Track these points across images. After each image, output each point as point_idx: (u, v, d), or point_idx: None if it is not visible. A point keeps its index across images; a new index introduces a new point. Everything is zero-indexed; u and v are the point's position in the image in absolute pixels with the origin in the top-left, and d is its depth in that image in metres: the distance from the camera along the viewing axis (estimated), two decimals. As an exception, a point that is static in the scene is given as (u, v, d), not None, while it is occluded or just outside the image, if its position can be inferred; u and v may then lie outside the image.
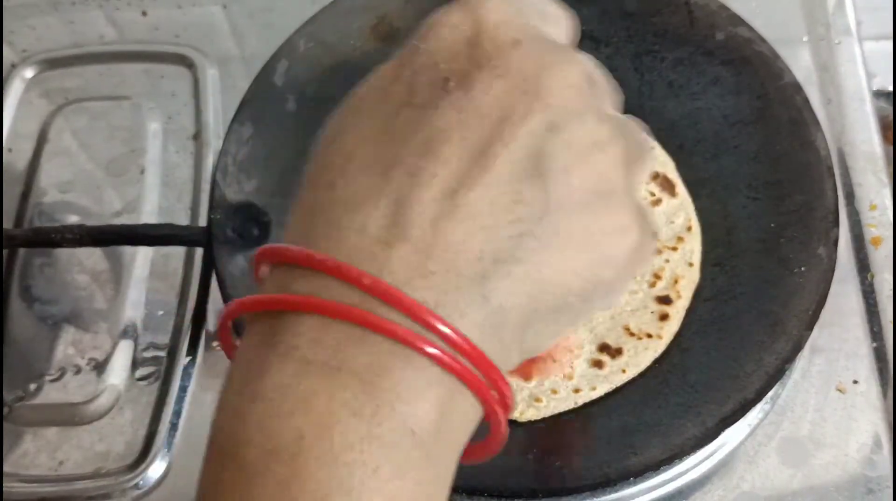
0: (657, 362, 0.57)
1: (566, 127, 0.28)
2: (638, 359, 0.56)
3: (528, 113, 0.28)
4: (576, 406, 0.55)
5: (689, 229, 0.61)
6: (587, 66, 0.31)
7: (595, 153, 0.29)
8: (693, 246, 0.61)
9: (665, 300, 0.58)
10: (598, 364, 0.56)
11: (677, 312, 0.58)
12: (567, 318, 0.30)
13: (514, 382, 0.56)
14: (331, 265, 0.26)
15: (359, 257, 0.26)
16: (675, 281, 0.59)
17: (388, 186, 0.27)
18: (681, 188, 0.63)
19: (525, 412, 0.55)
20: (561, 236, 0.28)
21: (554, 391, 0.56)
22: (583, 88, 0.30)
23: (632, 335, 0.57)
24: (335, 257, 0.26)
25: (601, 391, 0.56)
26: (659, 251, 0.60)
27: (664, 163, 0.64)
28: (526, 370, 0.56)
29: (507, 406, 0.29)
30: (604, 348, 0.57)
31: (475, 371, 0.27)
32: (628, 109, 0.67)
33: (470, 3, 0.30)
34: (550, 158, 0.28)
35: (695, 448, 0.50)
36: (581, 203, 0.28)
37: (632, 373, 0.56)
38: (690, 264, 0.60)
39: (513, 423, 0.55)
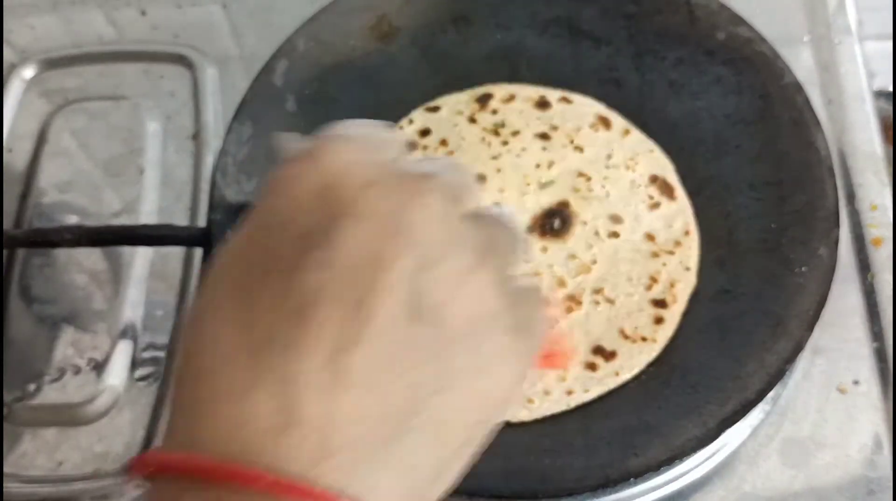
0: (658, 363, 0.57)
1: (436, 261, 0.27)
2: (632, 362, 0.56)
3: (397, 256, 0.26)
4: (568, 408, 0.55)
5: (688, 233, 0.61)
6: (442, 184, 0.29)
7: (468, 280, 0.28)
8: (691, 251, 0.61)
9: (661, 304, 0.58)
10: (591, 367, 0.56)
11: (672, 316, 0.58)
12: (474, 447, 0.30)
13: None
14: (226, 472, 0.23)
15: (253, 451, 0.24)
16: (672, 285, 0.59)
17: (266, 367, 0.25)
18: (680, 192, 0.63)
19: (517, 412, 0.55)
20: (453, 374, 0.27)
21: (547, 393, 0.56)
22: (445, 212, 0.28)
23: (626, 337, 0.57)
24: (227, 458, 0.24)
25: (594, 393, 0.56)
26: (656, 255, 0.60)
27: (664, 166, 0.64)
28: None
29: None
30: (598, 350, 0.57)
31: None
32: (629, 109, 0.68)
33: (311, 153, 0.29)
34: (427, 296, 0.26)
35: (696, 448, 0.50)
36: (466, 334, 0.27)
37: (625, 376, 0.56)
38: (687, 269, 0.60)
39: (510, 425, 0.55)
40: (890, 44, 0.74)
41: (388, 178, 0.28)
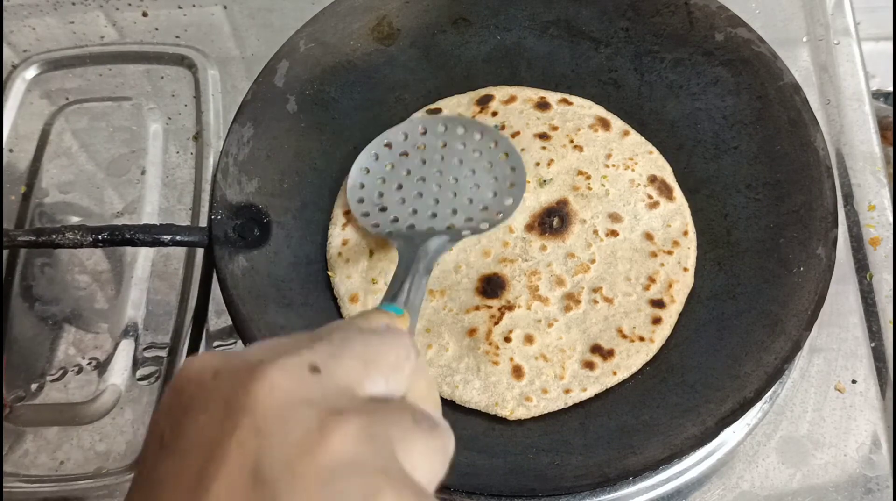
0: (656, 362, 0.57)
1: (274, 426, 0.29)
2: (629, 362, 0.57)
3: (234, 428, 0.28)
4: (566, 407, 0.56)
5: (686, 233, 0.61)
6: (303, 358, 0.31)
7: (316, 439, 0.29)
8: (689, 250, 0.61)
9: (659, 304, 0.58)
10: (589, 365, 0.57)
11: (670, 316, 0.58)
12: None
13: (506, 380, 0.56)
14: None
15: None
16: (670, 285, 0.59)
17: None
18: (678, 193, 0.63)
19: (515, 410, 0.55)
20: None
21: (545, 391, 0.56)
22: (292, 383, 0.30)
23: (624, 337, 0.57)
24: None
25: (592, 392, 0.56)
26: (654, 255, 0.61)
27: (662, 167, 0.65)
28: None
29: None
30: (596, 349, 0.57)
31: None
32: (628, 109, 0.68)
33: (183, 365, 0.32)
34: (270, 460, 0.28)
35: (694, 447, 0.50)
36: (323, 486, 0.28)
37: (622, 375, 0.56)
38: (685, 269, 0.60)
39: (509, 423, 0.55)
40: (888, 44, 0.74)
41: (234, 365, 0.31)
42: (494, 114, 0.67)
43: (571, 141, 0.65)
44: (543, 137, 0.65)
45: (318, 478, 0.28)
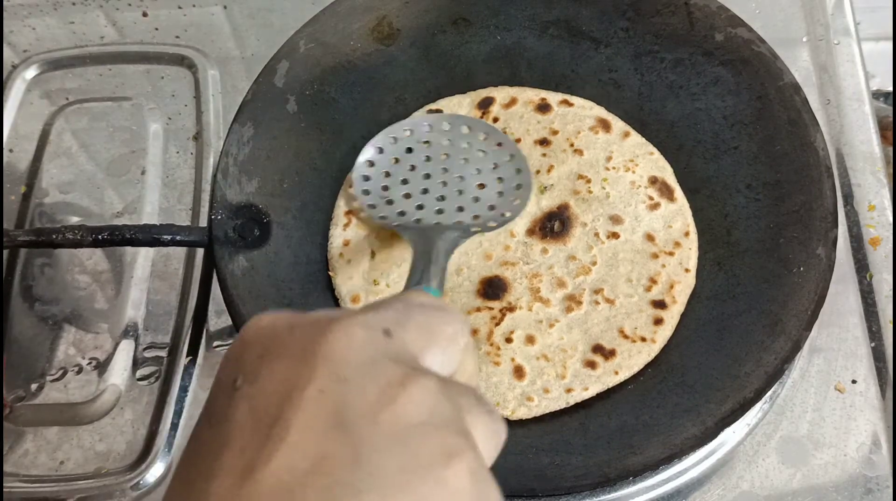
0: (656, 362, 0.57)
1: (356, 376, 0.29)
2: (631, 362, 0.57)
3: (312, 376, 0.29)
4: (567, 406, 0.56)
5: (687, 234, 0.61)
6: (375, 319, 0.32)
7: (398, 391, 0.29)
8: (690, 252, 0.61)
9: (660, 305, 0.58)
10: (591, 365, 0.57)
11: (672, 316, 0.58)
12: None
13: (507, 381, 0.56)
14: None
15: None
16: (671, 286, 0.59)
17: (192, 490, 0.29)
18: (679, 194, 0.63)
19: (517, 410, 0.55)
20: (379, 477, 0.28)
21: (546, 390, 0.56)
22: (366, 338, 0.31)
23: (626, 337, 0.57)
24: None
25: (593, 391, 0.56)
26: (655, 256, 0.61)
27: (663, 168, 0.64)
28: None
29: None
30: (597, 349, 0.57)
31: None
32: (628, 109, 0.68)
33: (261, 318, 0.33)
34: (350, 407, 0.28)
35: (694, 447, 0.50)
36: (397, 440, 0.28)
37: (624, 375, 0.56)
38: (687, 270, 0.60)
39: (510, 423, 0.55)
40: (888, 44, 0.74)
41: (310, 318, 0.32)
42: (496, 119, 0.67)
43: (572, 145, 0.65)
44: (544, 143, 0.65)
45: (400, 428, 0.28)
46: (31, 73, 0.80)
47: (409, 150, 0.63)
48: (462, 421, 0.30)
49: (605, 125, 0.66)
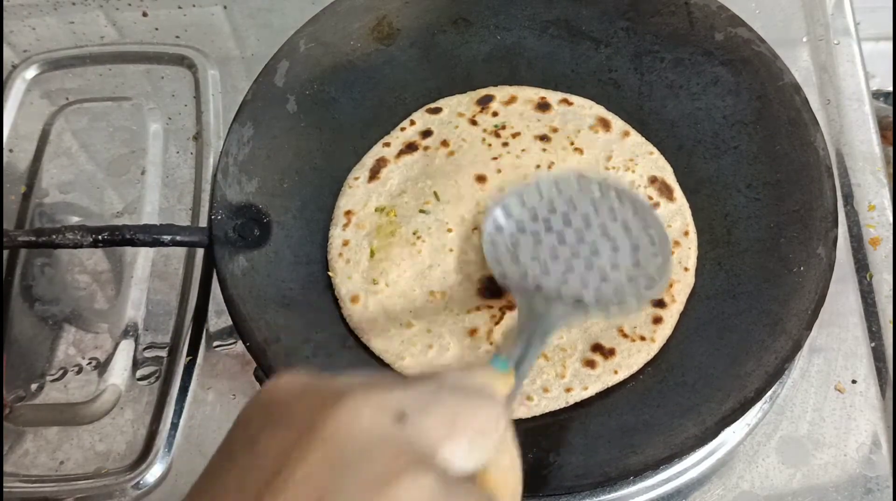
0: (656, 361, 0.57)
1: (351, 461, 0.28)
2: (630, 361, 0.57)
3: (303, 456, 0.28)
4: (567, 406, 0.56)
5: (686, 233, 0.61)
6: (391, 399, 0.30)
7: (386, 486, 0.27)
8: (689, 251, 0.61)
9: (659, 304, 0.58)
10: (590, 364, 0.57)
11: (671, 315, 0.58)
12: None
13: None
14: None
15: None
16: (671, 285, 0.59)
17: None
18: (679, 193, 0.63)
19: (516, 410, 0.55)
20: None
21: (546, 390, 0.56)
22: (376, 421, 0.29)
23: (625, 336, 0.57)
24: None
25: (593, 390, 0.56)
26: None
27: (663, 167, 0.64)
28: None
29: None
30: (597, 348, 0.57)
31: None
32: (628, 109, 0.68)
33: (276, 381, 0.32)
34: (333, 495, 0.27)
35: (694, 447, 0.50)
36: None
37: (623, 374, 0.56)
38: (686, 269, 0.60)
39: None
40: (888, 44, 0.74)
41: (319, 388, 0.31)
42: (495, 114, 0.67)
43: (572, 143, 0.65)
44: (544, 139, 0.65)
45: None
46: (31, 73, 0.80)
47: (553, 210, 0.57)
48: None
49: (605, 124, 0.66)
